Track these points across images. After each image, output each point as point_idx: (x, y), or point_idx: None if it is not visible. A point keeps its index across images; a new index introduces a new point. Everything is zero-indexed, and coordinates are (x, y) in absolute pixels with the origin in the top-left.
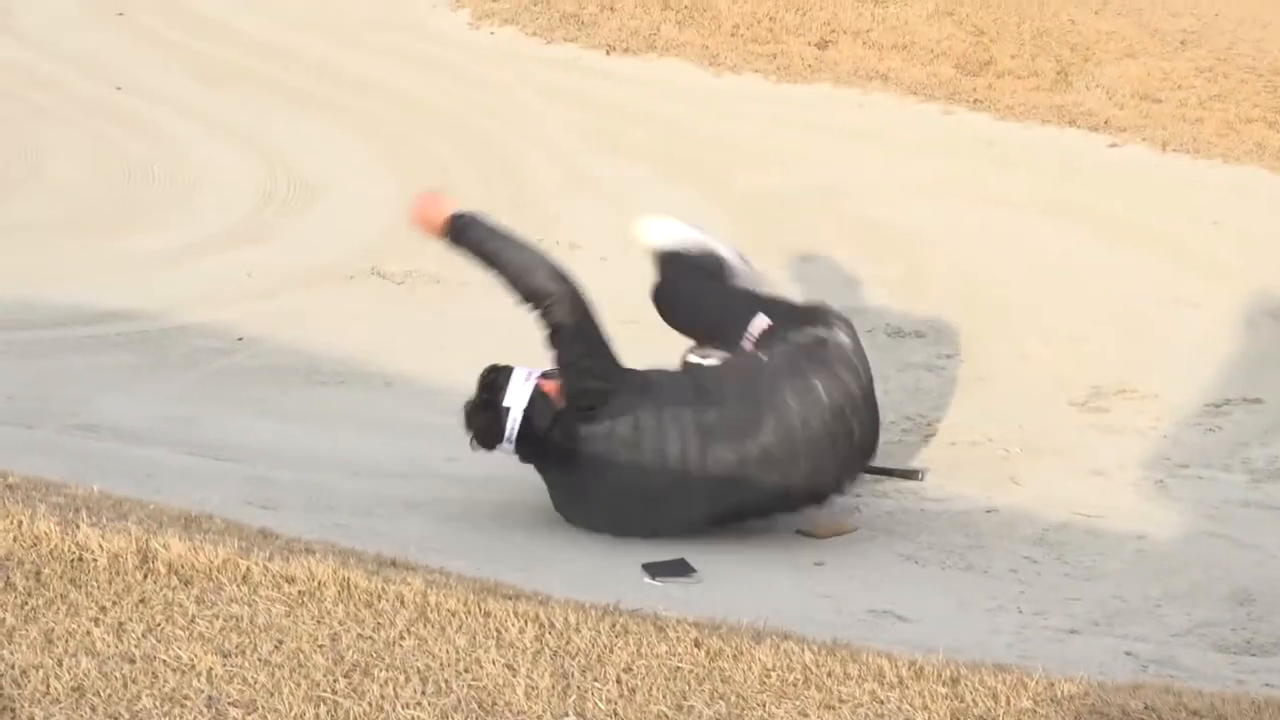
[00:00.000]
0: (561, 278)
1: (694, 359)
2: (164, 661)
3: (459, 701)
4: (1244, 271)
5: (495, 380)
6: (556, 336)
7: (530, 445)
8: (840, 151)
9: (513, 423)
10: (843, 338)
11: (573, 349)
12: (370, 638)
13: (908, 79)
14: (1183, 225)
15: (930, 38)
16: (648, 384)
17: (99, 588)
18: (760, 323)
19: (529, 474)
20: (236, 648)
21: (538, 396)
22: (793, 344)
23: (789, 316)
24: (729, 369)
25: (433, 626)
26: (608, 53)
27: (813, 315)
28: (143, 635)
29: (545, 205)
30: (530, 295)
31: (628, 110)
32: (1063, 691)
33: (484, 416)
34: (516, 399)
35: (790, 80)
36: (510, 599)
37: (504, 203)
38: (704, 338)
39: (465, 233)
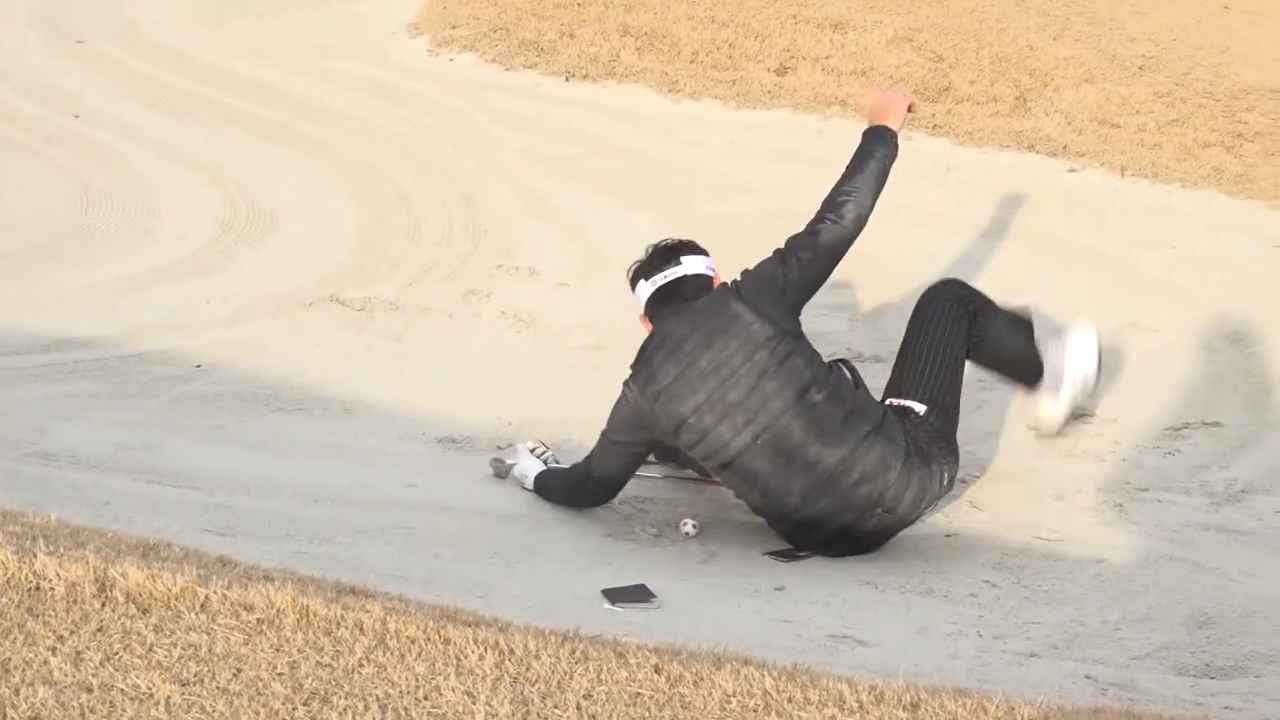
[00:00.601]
0: (860, 222)
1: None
2: (122, 690)
3: None
4: (1202, 296)
5: (682, 245)
6: (808, 230)
7: (662, 303)
8: (800, 177)
9: (669, 275)
10: (945, 476)
11: (802, 246)
12: (329, 665)
13: (866, 105)
14: (1141, 250)
15: (889, 64)
16: (802, 336)
17: (56, 616)
18: (915, 406)
19: (489, 501)
20: (195, 676)
21: (705, 275)
22: (918, 431)
23: (940, 423)
24: (865, 394)
25: (392, 654)
26: (567, 79)
27: (950, 441)
28: (100, 664)
29: (505, 231)
30: (840, 194)
31: (587, 136)
32: (1022, 715)
33: (659, 256)
34: (691, 266)
35: (750, 106)
36: (470, 626)
37: (463, 228)
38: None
39: (879, 137)
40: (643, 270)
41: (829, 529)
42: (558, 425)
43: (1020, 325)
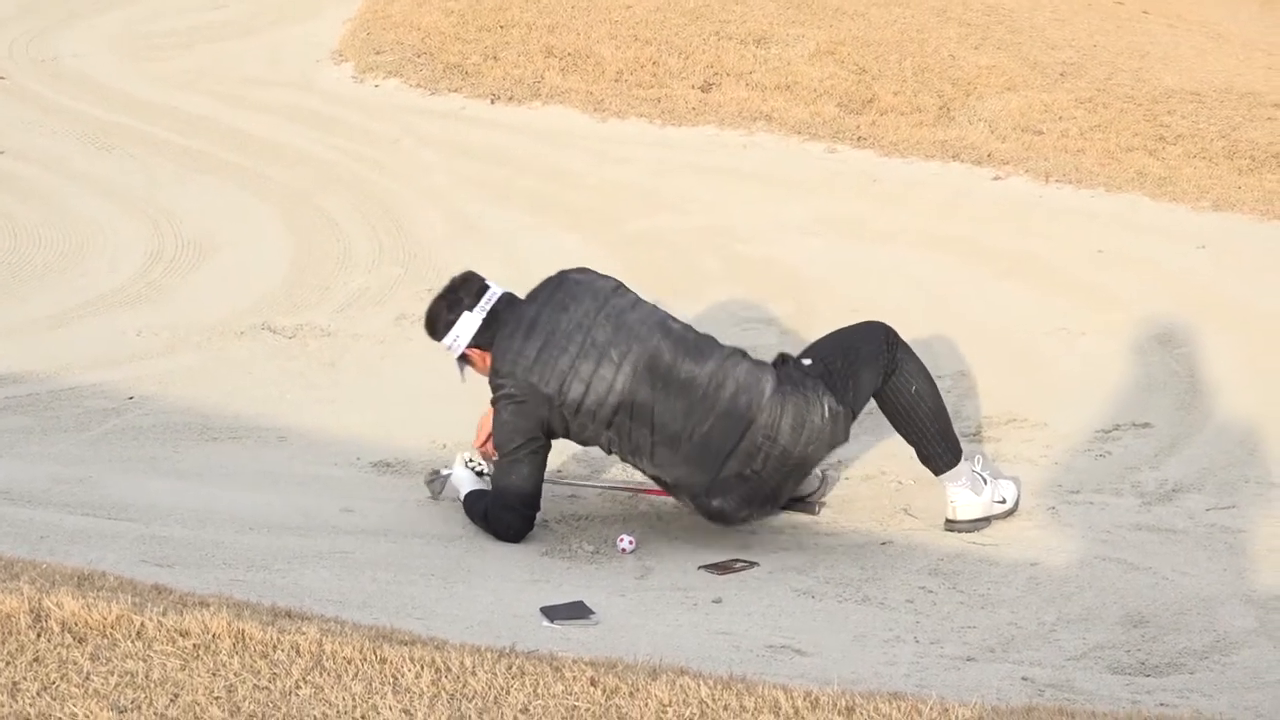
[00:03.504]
0: None
1: None
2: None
3: None
4: (1129, 299)
5: (474, 274)
6: None
7: (491, 324)
8: (727, 192)
9: (492, 296)
10: (826, 407)
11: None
12: (266, 688)
13: (791, 119)
14: (1067, 255)
15: (813, 77)
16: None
17: None
18: (802, 360)
19: (425, 523)
20: (132, 703)
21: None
22: (792, 370)
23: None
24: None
25: (329, 675)
26: (492, 102)
27: (832, 388)
28: (37, 694)
29: (435, 255)
30: None
31: (514, 158)
32: (957, 717)
33: (467, 290)
34: (500, 288)
35: (675, 123)
36: (406, 644)
37: (393, 253)
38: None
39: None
40: (455, 306)
41: (723, 461)
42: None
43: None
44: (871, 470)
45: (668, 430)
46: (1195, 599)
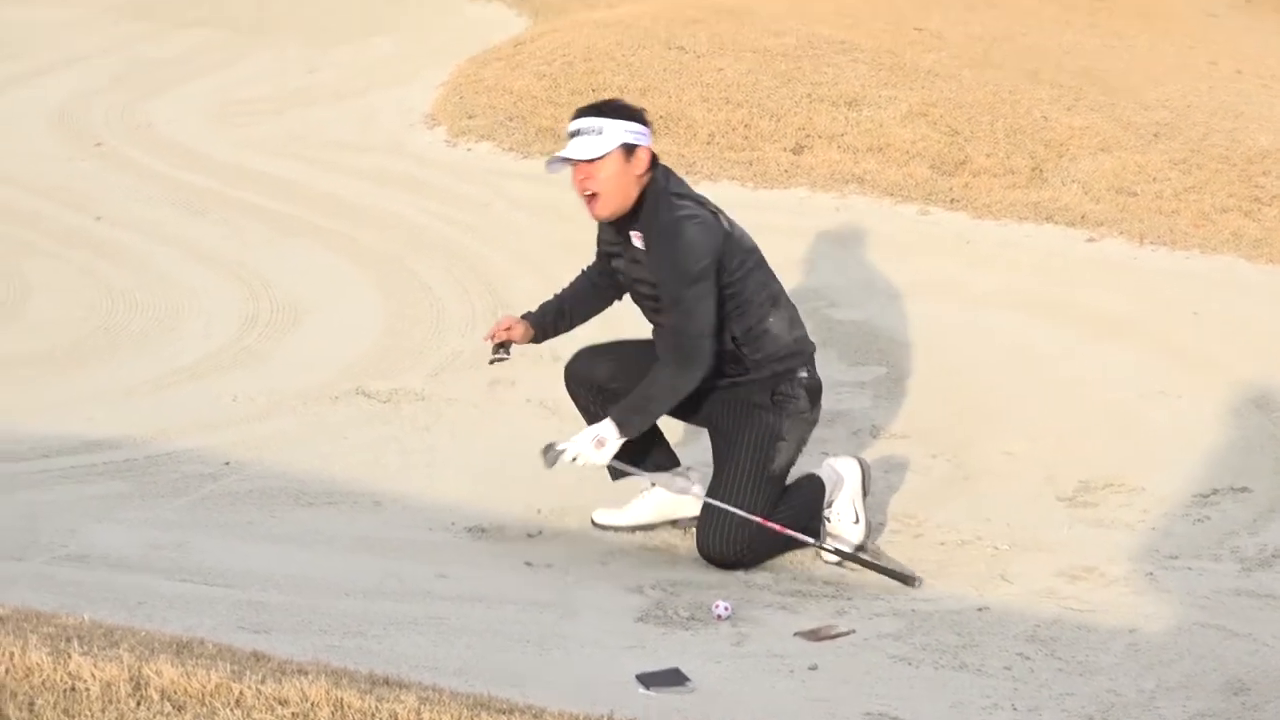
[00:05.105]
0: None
1: None
2: None
3: None
4: (1226, 361)
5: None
6: None
7: None
8: (819, 254)
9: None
10: None
11: None
12: None
13: (884, 181)
14: (1163, 317)
15: (905, 139)
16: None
17: (92, 717)
18: None
19: (520, 590)
20: None
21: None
22: None
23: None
24: None
25: None
26: None
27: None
28: None
29: None
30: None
31: None
32: None
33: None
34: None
35: (767, 186)
36: (504, 713)
37: (486, 316)
38: None
39: None
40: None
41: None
42: (586, 511)
43: None
44: (967, 535)
45: (781, 294)
46: None
